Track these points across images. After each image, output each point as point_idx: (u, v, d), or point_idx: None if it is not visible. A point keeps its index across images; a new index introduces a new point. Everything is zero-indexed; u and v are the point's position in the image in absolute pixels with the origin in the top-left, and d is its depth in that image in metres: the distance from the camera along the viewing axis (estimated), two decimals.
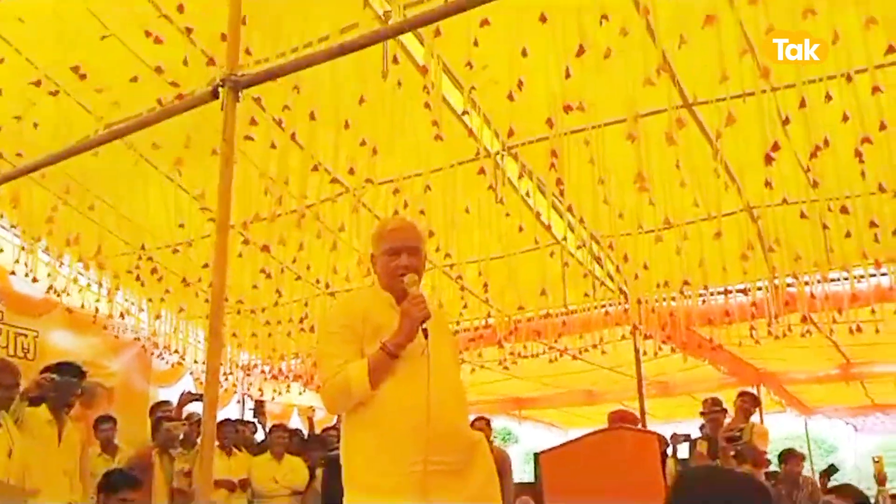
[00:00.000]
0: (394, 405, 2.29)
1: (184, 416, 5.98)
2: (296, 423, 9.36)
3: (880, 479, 6.84)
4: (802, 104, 3.53)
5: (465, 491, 2.32)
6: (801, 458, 6.81)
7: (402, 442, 2.26)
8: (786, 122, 3.77)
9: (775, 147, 3.62)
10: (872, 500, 5.98)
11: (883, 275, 5.34)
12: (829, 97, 3.80)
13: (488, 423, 7.30)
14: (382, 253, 2.51)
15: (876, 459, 7.01)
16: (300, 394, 9.31)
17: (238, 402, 9.73)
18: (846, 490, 4.70)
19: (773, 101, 3.98)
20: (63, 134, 4.43)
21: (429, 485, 2.22)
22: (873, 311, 6.12)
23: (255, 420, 8.24)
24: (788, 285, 5.83)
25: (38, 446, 3.94)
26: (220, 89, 2.87)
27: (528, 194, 5.17)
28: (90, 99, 4.67)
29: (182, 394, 6.07)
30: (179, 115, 3.12)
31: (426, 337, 2.31)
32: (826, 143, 3.91)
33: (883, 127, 3.67)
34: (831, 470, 7.40)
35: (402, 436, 2.26)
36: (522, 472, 17.13)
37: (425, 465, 2.22)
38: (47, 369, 4.42)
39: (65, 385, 4.35)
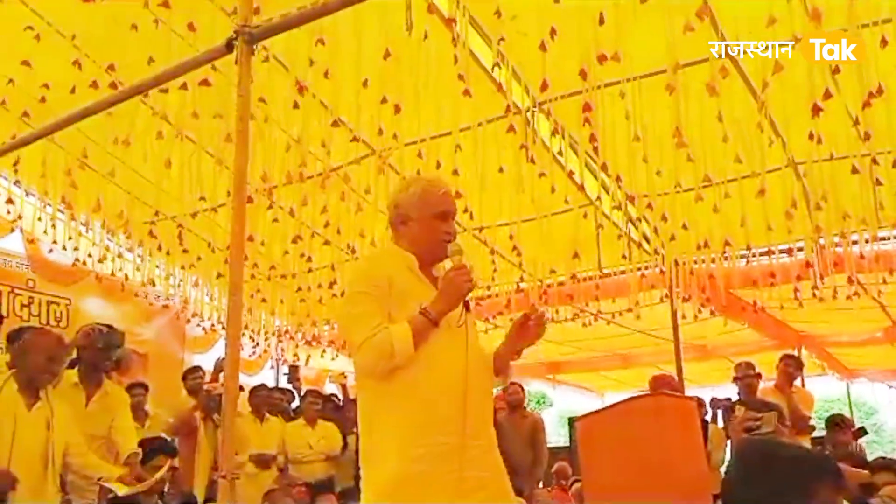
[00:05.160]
0: (432, 374, 2.23)
1: (220, 381, 5.97)
2: (330, 388, 9.38)
3: None
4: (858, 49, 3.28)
5: (497, 468, 2.32)
6: (850, 425, 6.53)
7: (439, 412, 2.21)
8: (836, 70, 3.50)
9: (827, 96, 3.37)
10: None
11: None
12: (884, 42, 3.53)
13: (521, 388, 7.21)
14: (431, 216, 2.39)
15: None
16: (332, 359, 9.31)
17: (271, 367, 9.78)
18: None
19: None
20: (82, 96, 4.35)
21: (465, 457, 2.18)
22: None
23: (291, 386, 8.27)
24: (835, 245, 5.57)
25: (66, 410, 3.85)
26: (234, 42, 2.76)
27: (560, 153, 4.97)
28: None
29: (217, 360, 6.06)
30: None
31: (467, 309, 2.28)
32: (879, 90, 3.65)
33: None
34: (861, 432, 7.11)
35: (440, 406, 2.21)
36: (557, 435, 17.14)
37: (463, 437, 2.19)
38: (88, 331, 4.35)
39: (111, 338, 4.31)
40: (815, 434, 6.40)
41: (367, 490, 2.25)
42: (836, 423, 6.26)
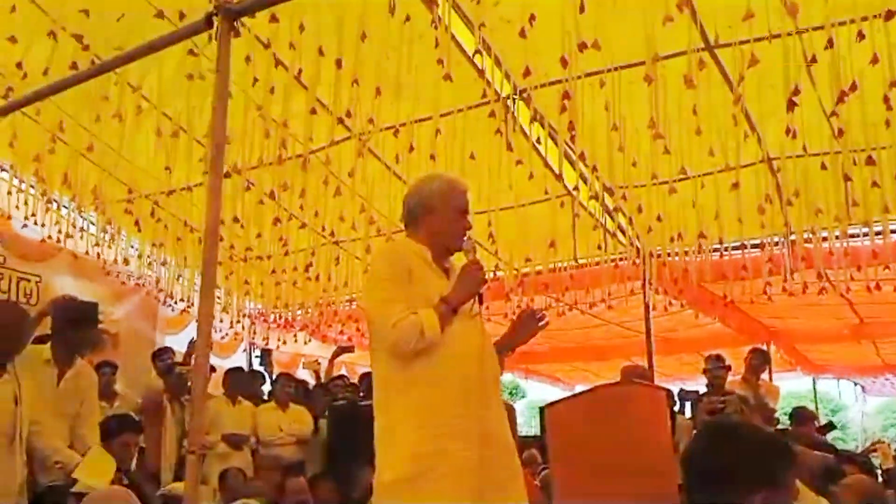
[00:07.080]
0: (451, 358, 2.42)
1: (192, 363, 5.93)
2: (303, 374, 9.36)
3: None
4: (830, 44, 3.32)
5: (510, 444, 2.54)
6: (814, 418, 6.65)
7: (458, 392, 2.41)
8: (812, 61, 3.52)
9: (796, 92, 3.41)
10: None
11: None
12: (861, 35, 3.56)
13: None
14: (453, 209, 2.61)
15: None
16: (306, 343, 9.28)
17: (244, 350, 9.74)
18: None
19: (799, 43, 3.76)
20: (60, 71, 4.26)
21: (483, 435, 2.39)
22: (887, 268, 5.85)
23: (263, 369, 8.25)
24: (806, 241, 5.63)
25: (33, 386, 3.78)
26: (213, 18, 2.74)
27: (538, 141, 4.98)
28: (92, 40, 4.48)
29: (191, 341, 6.03)
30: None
31: (481, 302, 2.53)
32: (854, 87, 3.70)
33: None
34: (829, 427, 7.26)
35: (459, 386, 2.41)
36: (529, 426, 17.27)
37: (480, 416, 2.41)
38: (60, 300, 4.23)
39: (86, 310, 4.18)
40: (780, 427, 6.50)
41: (385, 465, 2.39)
42: (801, 415, 6.38)
